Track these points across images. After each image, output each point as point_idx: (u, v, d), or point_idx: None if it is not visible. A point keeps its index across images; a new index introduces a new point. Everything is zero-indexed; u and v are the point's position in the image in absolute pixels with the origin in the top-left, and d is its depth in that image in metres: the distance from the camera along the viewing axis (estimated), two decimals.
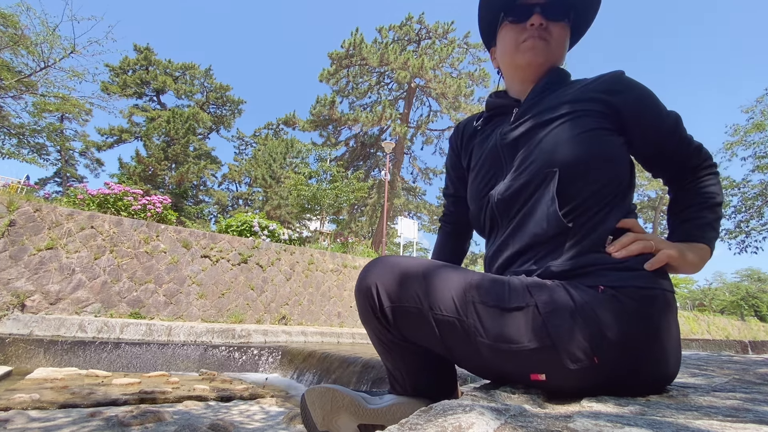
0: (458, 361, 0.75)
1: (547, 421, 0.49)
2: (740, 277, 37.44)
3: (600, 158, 0.72)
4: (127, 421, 1.84)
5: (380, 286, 0.74)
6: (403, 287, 0.72)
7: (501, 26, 0.90)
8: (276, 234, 8.67)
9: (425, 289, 0.71)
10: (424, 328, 0.71)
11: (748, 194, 13.23)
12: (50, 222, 5.72)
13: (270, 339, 5.60)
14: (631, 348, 0.62)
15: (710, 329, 19.00)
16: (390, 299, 0.73)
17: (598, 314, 0.62)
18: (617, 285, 0.65)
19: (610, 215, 0.72)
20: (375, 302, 0.74)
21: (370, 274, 0.76)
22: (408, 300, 0.72)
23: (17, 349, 3.77)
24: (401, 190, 22.98)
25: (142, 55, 22.78)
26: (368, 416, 0.83)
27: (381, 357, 0.86)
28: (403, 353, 0.80)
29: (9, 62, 10.12)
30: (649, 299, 0.64)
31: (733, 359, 1.53)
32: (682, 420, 0.48)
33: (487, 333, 0.65)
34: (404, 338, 0.76)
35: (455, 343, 0.70)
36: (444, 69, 19.31)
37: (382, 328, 0.77)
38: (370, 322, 0.78)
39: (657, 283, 0.66)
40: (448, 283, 0.71)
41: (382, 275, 0.75)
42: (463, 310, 0.68)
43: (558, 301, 0.64)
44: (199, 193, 22.29)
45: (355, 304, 0.81)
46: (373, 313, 0.76)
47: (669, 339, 0.66)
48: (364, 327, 0.83)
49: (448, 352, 0.73)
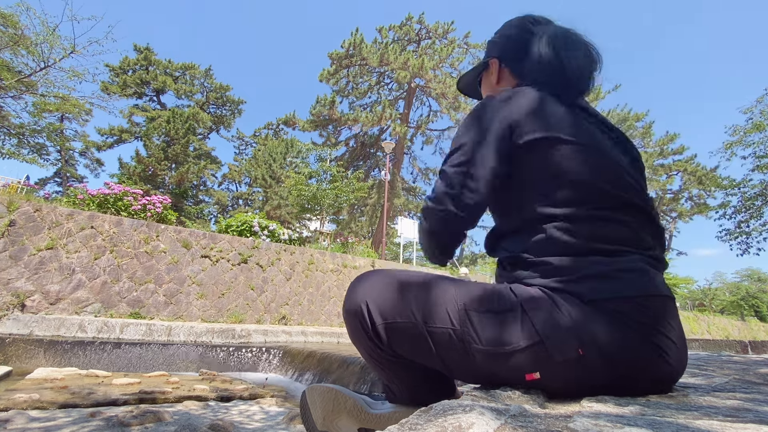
0: (454, 373, 0.73)
1: (547, 421, 0.49)
2: (740, 277, 37.47)
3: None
4: (127, 421, 1.84)
5: (371, 304, 0.72)
6: (395, 303, 0.71)
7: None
8: (276, 234, 8.67)
9: (417, 303, 0.70)
10: (418, 342, 0.70)
11: (748, 194, 13.23)
12: (50, 222, 5.72)
13: (270, 339, 5.60)
14: (615, 342, 0.63)
15: (710, 329, 19.01)
16: (382, 316, 0.71)
17: (577, 310, 0.64)
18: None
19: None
20: (366, 321, 0.73)
21: (358, 293, 0.74)
22: (401, 316, 0.70)
23: (17, 349, 3.77)
24: (401, 190, 22.98)
25: (142, 55, 22.79)
26: (370, 421, 0.82)
27: (374, 372, 0.84)
28: (396, 368, 0.79)
29: (9, 62, 10.11)
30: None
31: (733, 359, 1.53)
32: (682, 420, 0.48)
33: (481, 339, 0.66)
34: (397, 354, 0.75)
35: (450, 354, 0.69)
36: (444, 69, 19.32)
37: (375, 346, 0.75)
38: (362, 342, 0.77)
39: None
40: (439, 295, 0.71)
41: (371, 293, 0.73)
42: (456, 320, 0.68)
43: (539, 300, 0.66)
44: (199, 193, 22.28)
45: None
46: (364, 332, 0.74)
47: (656, 335, 0.65)
48: (354, 345, 0.81)
49: (443, 366, 0.72)
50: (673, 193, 27.15)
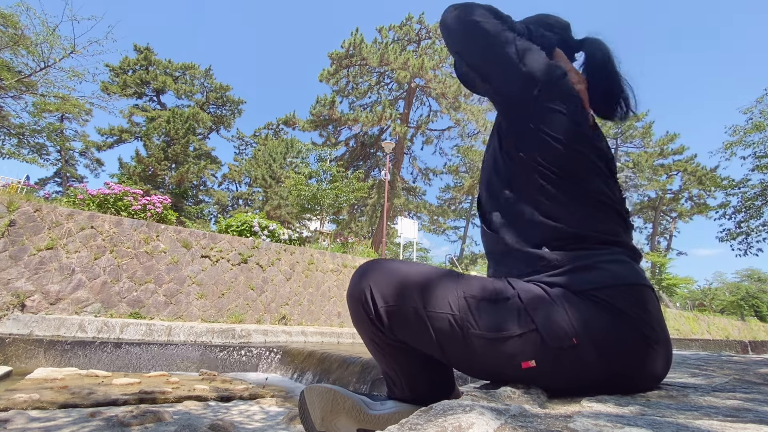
0: (451, 360, 0.75)
1: (547, 421, 0.49)
2: (740, 277, 37.48)
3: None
4: (127, 421, 1.84)
5: (374, 288, 0.75)
6: (398, 288, 0.74)
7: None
8: (276, 234, 8.67)
9: (420, 289, 0.73)
10: (418, 327, 0.73)
11: (748, 194, 13.23)
12: (50, 222, 5.72)
13: (270, 339, 5.60)
14: (604, 330, 0.66)
15: (710, 329, 19.00)
16: (385, 300, 0.74)
17: (569, 302, 0.68)
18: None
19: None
20: (369, 304, 0.76)
21: (364, 278, 0.78)
22: (403, 300, 0.73)
23: (17, 349, 3.77)
24: (401, 190, 22.99)
25: (142, 55, 22.79)
26: (369, 422, 0.83)
27: (375, 359, 0.87)
28: (397, 354, 0.81)
29: (9, 62, 10.11)
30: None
31: (733, 359, 1.53)
32: (682, 420, 0.48)
33: (479, 324, 0.69)
34: (398, 339, 0.78)
35: (449, 340, 0.71)
36: (444, 69, 19.30)
37: (377, 330, 0.78)
38: (364, 325, 0.79)
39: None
40: (440, 283, 0.74)
41: (375, 278, 0.76)
42: (455, 306, 0.71)
43: (535, 292, 0.70)
44: (199, 193, 22.28)
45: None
46: (367, 315, 0.77)
47: (640, 322, 0.67)
48: (357, 330, 0.84)
49: (441, 352, 0.74)
50: (673, 193, 27.16)
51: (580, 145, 0.77)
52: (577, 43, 0.97)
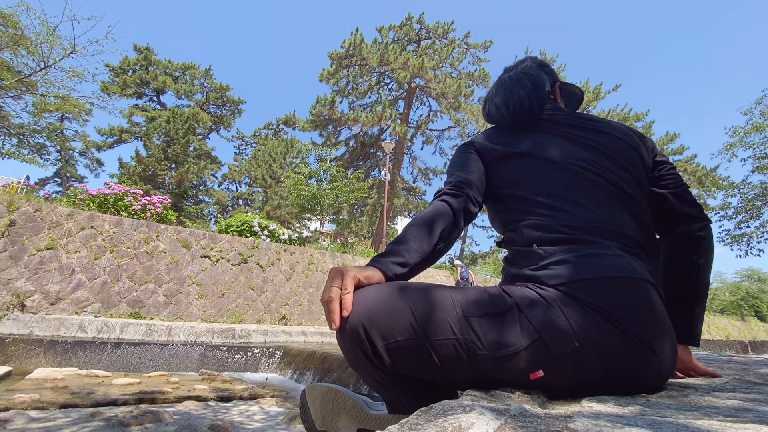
0: (455, 382, 0.72)
1: (547, 422, 0.48)
2: (740, 277, 37.49)
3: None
4: (127, 422, 1.84)
5: (368, 326, 0.67)
6: (393, 321, 0.67)
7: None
8: (276, 234, 8.67)
9: (417, 317, 0.67)
10: (422, 358, 0.68)
11: (747, 195, 13.22)
12: (50, 222, 5.72)
13: (270, 339, 5.60)
14: (606, 333, 0.65)
15: (710, 329, 19.00)
16: (383, 338, 0.67)
17: (566, 305, 0.67)
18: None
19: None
20: (366, 345, 0.67)
21: (352, 316, 0.68)
22: (402, 333, 0.67)
23: (17, 349, 3.77)
24: (401, 190, 22.97)
25: (142, 55, 22.79)
26: (369, 421, 0.82)
27: (377, 392, 0.80)
28: (402, 388, 0.76)
29: (9, 62, 10.11)
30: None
31: (733, 359, 1.53)
32: (682, 420, 0.48)
33: (484, 344, 0.65)
34: (402, 375, 0.72)
35: (455, 366, 0.67)
36: (444, 69, 19.29)
37: (378, 371, 0.71)
38: (364, 368, 0.72)
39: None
40: (436, 305, 0.69)
41: (365, 313, 0.67)
42: (458, 328, 0.67)
43: (531, 297, 0.68)
44: (199, 193, 22.28)
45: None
46: (365, 356, 0.69)
47: (617, 318, 0.66)
48: (355, 371, 0.76)
49: (446, 378, 0.70)
50: None
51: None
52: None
